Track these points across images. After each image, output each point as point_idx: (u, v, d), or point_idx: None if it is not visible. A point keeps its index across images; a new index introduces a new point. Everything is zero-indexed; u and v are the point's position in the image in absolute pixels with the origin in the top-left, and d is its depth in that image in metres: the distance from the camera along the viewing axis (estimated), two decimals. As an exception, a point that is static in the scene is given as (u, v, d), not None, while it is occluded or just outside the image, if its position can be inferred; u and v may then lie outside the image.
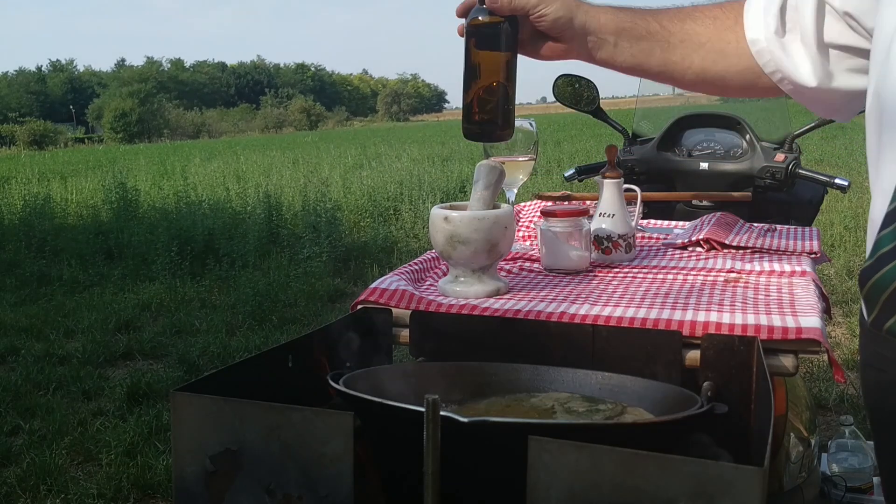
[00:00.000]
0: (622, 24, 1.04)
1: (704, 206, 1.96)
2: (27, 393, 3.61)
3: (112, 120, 67.89)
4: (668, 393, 0.85)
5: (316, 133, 51.81)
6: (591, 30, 1.03)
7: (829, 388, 3.28)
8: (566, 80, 2.14)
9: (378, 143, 21.63)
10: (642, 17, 1.04)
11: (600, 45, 1.04)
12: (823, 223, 6.31)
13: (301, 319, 4.73)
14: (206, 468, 0.69)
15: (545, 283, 1.16)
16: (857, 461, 2.02)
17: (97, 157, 23.50)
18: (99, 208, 8.73)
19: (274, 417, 0.68)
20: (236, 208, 8.18)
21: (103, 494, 2.63)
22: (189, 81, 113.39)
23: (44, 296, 5.55)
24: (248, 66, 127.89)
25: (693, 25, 1.03)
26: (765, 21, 0.96)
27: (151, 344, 4.33)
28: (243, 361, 0.81)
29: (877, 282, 0.72)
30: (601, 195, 1.31)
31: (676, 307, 0.99)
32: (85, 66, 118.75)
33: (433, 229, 1.07)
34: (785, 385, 1.26)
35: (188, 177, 12.04)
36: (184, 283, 5.63)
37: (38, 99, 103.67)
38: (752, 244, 1.34)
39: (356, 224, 7.79)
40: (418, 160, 13.52)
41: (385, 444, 0.79)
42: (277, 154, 19.06)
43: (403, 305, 1.04)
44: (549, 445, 0.58)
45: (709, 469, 0.54)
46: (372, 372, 0.90)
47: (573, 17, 1.03)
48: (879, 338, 0.73)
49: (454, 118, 67.39)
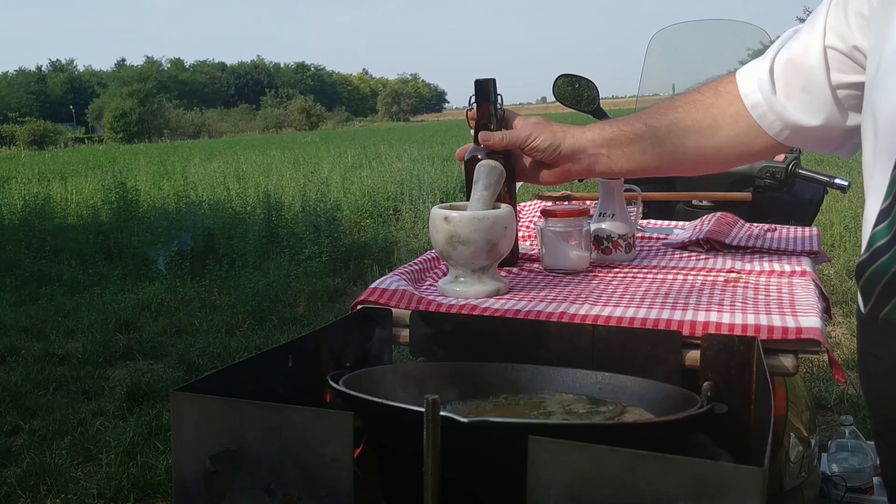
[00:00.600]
0: (608, 136, 1.11)
1: (704, 206, 1.96)
2: (27, 393, 3.61)
3: (112, 120, 67.87)
4: (668, 393, 0.85)
5: (316, 133, 51.79)
6: (580, 149, 1.11)
7: (829, 388, 3.28)
8: (566, 80, 2.14)
9: (378, 143, 21.62)
10: (626, 123, 1.12)
11: (596, 159, 1.11)
12: (823, 223, 6.31)
13: (301, 319, 4.73)
14: (206, 468, 0.69)
15: (545, 283, 1.16)
16: (857, 461, 2.02)
17: (97, 157, 23.49)
18: (99, 208, 8.73)
19: (274, 417, 0.68)
20: (236, 208, 8.18)
21: (103, 494, 2.63)
22: (189, 81, 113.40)
23: (44, 296, 5.55)
24: (248, 66, 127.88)
25: (675, 115, 1.10)
26: (759, 87, 1.04)
27: (151, 344, 4.33)
28: (243, 361, 0.81)
29: (872, 273, 0.77)
30: (601, 195, 1.31)
31: (676, 307, 0.99)
32: (85, 66, 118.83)
33: (433, 229, 1.07)
34: (785, 385, 1.26)
35: (188, 177, 12.04)
36: (184, 283, 5.63)
37: (38, 99, 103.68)
38: (752, 244, 1.34)
39: (356, 224, 7.79)
40: (418, 160, 13.51)
41: (385, 444, 0.79)
42: (277, 154, 19.05)
43: (403, 305, 1.04)
44: (549, 445, 0.58)
45: (709, 469, 0.54)
46: (372, 372, 0.90)
47: (561, 143, 1.11)
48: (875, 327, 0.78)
49: (454, 118, 67.37)
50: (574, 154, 1.11)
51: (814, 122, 0.99)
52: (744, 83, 1.06)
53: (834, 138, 1.02)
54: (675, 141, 1.10)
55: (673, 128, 1.09)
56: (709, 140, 1.08)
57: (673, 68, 2.37)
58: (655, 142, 1.10)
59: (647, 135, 1.10)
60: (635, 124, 1.11)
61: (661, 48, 2.34)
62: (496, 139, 1.13)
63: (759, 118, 1.04)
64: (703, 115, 1.08)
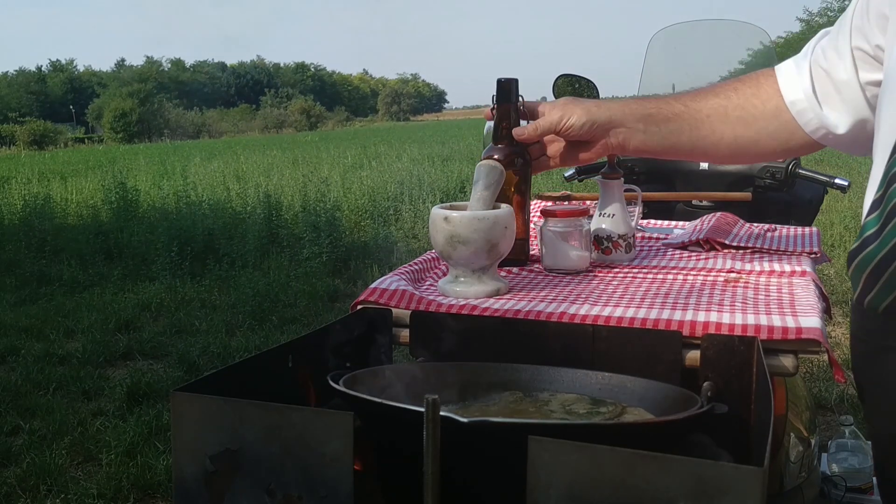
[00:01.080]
0: (647, 111, 1.09)
1: (704, 206, 1.95)
2: (27, 393, 3.61)
3: (112, 120, 67.85)
4: (668, 393, 0.85)
5: (316, 133, 51.79)
6: (617, 122, 1.10)
7: (829, 388, 3.28)
8: (566, 80, 2.14)
9: (378, 143, 21.63)
10: (665, 101, 1.11)
11: (631, 134, 1.10)
12: (823, 223, 6.31)
13: (301, 319, 4.73)
14: (206, 468, 0.69)
15: (545, 283, 1.16)
16: (857, 461, 2.02)
17: (97, 157, 23.48)
18: (99, 208, 8.73)
19: (274, 417, 0.68)
20: (236, 208, 8.18)
21: (103, 494, 2.63)
22: (189, 81, 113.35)
23: (44, 296, 5.55)
24: (248, 66, 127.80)
25: (716, 100, 1.09)
26: (800, 82, 1.03)
27: (151, 344, 4.33)
28: (243, 361, 0.81)
29: (860, 261, 0.80)
30: (601, 195, 1.31)
31: (676, 307, 0.99)
32: (85, 66, 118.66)
33: (433, 229, 1.07)
34: (785, 385, 1.26)
35: (188, 177, 12.04)
36: (184, 283, 5.63)
37: (38, 99, 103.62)
38: (752, 244, 1.34)
39: (356, 224, 7.79)
40: (418, 160, 13.51)
41: (385, 444, 0.79)
42: (277, 154, 19.05)
43: (403, 305, 1.04)
44: (549, 445, 0.58)
45: (709, 469, 0.54)
46: (372, 372, 0.90)
47: (595, 118, 1.09)
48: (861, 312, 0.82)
49: (454, 118, 67.32)
50: (611, 126, 1.10)
51: (847, 122, 1.00)
52: (784, 80, 1.05)
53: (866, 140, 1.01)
54: (713, 126, 1.09)
55: (713, 113, 1.08)
56: (747, 130, 1.08)
57: (673, 68, 2.36)
58: (694, 124, 1.09)
59: (686, 115, 1.09)
60: (674, 104, 1.10)
61: (661, 48, 2.34)
62: (530, 131, 1.12)
63: (797, 115, 1.04)
64: (744, 104, 1.07)
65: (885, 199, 0.78)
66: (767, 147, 1.10)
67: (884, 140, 0.83)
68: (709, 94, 1.10)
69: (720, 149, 1.11)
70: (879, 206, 0.79)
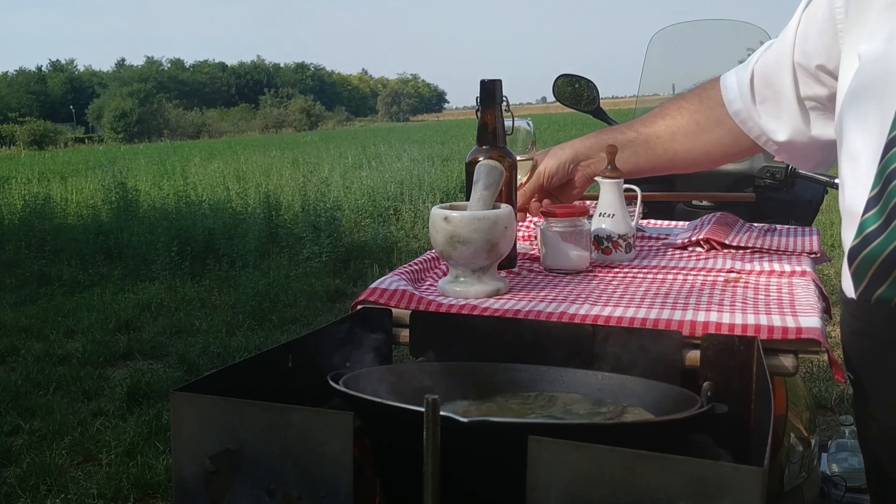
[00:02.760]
0: (605, 142, 1.24)
1: (704, 206, 1.95)
2: (27, 393, 3.61)
3: (112, 120, 67.91)
4: (668, 393, 0.84)
5: (316, 133, 51.80)
6: (582, 156, 1.26)
7: (829, 388, 3.28)
8: (566, 80, 2.14)
9: (378, 143, 21.59)
10: (620, 130, 1.27)
11: (598, 163, 1.26)
12: (823, 223, 6.31)
13: (301, 319, 4.73)
14: (206, 468, 0.69)
15: (545, 283, 1.16)
16: (857, 461, 2.01)
17: (97, 157, 23.48)
18: (99, 208, 8.73)
19: (274, 417, 0.68)
20: (236, 208, 8.18)
21: (103, 494, 2.63)
22: (189, 81, 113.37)
23: (44, 296, 5.55)
24: (248, 66, 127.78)
25: (662, 122, 1.24)
26: (740, 94, 1.14)
27: (151, 344, 4.33)
28: (243, 361, 0.81)
29: (865, 257, 0.82)
30: (601, 195, 1.31)
31: (676, 307, 0.99)
32: (85, 66, 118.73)
33: (433, 229, 1.07)
34: (785, 385, 1.26)
35: (188, 177, 12.04)
36: (184, 283, 5.63)
37: (38, 99, 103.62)
38: (752, 244, 1.34)
39: (356, 224, 7.79)
40: (418, 160, 13.50)
41: (385, 444, 0.79)
42: (277, 154, 19.04)
43: (403, 305, 1.04)
44: (549, 445, 0.58)
45: (709, 469, 0.54)
46: (372, 372, 0.90)
47: (560, 159, 1.26)
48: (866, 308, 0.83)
49: (454, 118, 67.35)
50: (578, 160, 1.26)
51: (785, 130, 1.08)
52: (727, 90, 1.16)
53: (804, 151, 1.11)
54: (664, 145, 1.23)
55: (661, 134, 1.23)
56: (695, 143, 1.21)
57: (673, 68, 2.37)
58: (647, 147, 1.24)
59: (638, 140, 1.24)
60: (627, 132, 1.25)
61: (661, 48, 2.34)
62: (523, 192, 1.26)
63: (740, 123, 1.14)
64: (688, 121, 1.20)
65: (886, 197, 0.79)
66: (717, 153, 1.22)
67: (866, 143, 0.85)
68: (657, 117, 1.24)
69: (676, 163, 1.25)
70: (878, 203, 0.80)
